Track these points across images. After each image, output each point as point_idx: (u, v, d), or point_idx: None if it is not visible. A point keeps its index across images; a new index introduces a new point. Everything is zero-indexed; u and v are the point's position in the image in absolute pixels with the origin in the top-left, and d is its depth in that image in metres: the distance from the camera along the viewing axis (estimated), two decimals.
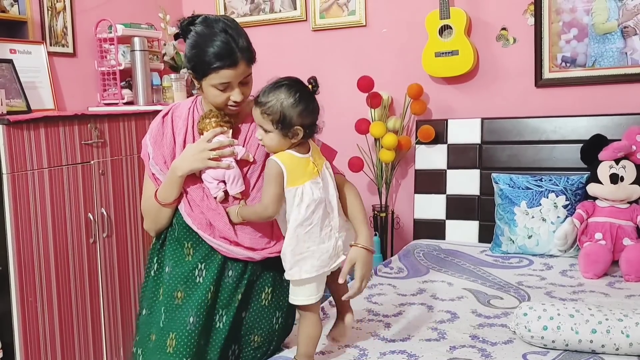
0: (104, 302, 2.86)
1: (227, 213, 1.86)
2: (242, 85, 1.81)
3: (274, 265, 1.91)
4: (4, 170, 2.41)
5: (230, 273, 1.89)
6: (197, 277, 1.88)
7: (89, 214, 2.79)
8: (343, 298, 1.89)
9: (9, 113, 2.58)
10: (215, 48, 1.75)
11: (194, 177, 1.87)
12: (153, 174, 1.90)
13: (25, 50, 2.97)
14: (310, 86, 1.80)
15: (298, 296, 1.84)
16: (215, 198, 1.85)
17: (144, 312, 1.96)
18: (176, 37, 1.92)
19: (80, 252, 2.74)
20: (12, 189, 2.43)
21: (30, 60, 2.98)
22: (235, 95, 1.80)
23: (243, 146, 1.89)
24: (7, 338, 2.47)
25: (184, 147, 1.88)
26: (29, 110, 2.79)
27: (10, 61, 2.82)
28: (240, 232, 1.86)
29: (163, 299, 1.89)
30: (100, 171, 2.83)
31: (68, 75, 3.23)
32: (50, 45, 3.11)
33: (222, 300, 1.88)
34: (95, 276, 2.82)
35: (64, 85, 3.21)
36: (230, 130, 1.86)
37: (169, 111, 1.95)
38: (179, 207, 1.89)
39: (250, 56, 1.80)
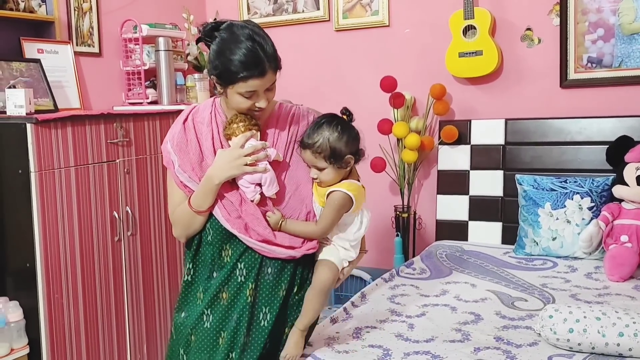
0: (128, 299, 2.89)
1: (266, 218, 1.88)
2: (267, 91, 1.82)
3: (302, 260, 1.93)
4: (31, 169, 2.45)
5: (269, 270, 1.90)
6: (239, 276, 1.89)
7: (114, 212, 2.82)
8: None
9: (37, 112, 2.61)
10: (243, 57, 1.74)
11: (229, 182, 1.86)
12: (181, 182, 1.89)
13: (53, 50, 3.01)
14: (345, 117, 1.92)
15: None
16: (252, 201, 1.86)
17: (182, 314, 1.97)
18: (198, 41, 1.92)
19: (105, 250, 2.77)
20: (39, 186, 2.47)
21: (57, 60, 3.02)
22: (262, 103, 1.81)
23: (286, 149, 1.90)
24: (34, 334, 2.50)
25: (214, 152, 1.88)
26: (56, 109, 2.83)
27: (38, 61, 2.87)
28: (279, 233, 1.87)
29: (208, 302, 1.90)
30: (125, 170, 2.86)
31: (94, 74, 3.27)
32: (77, 45, 3.15)
33: (263, 297, 1.89)
34: (119, 274, 2.85)
35: (89, 84, 3.25)
36: (259, 133, 1.86)
37: (187, 116, 1.94)
38: (214, 212, 1.88)
39: (277, 64, 1.81)
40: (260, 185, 1.85)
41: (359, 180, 1.97)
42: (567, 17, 3.13)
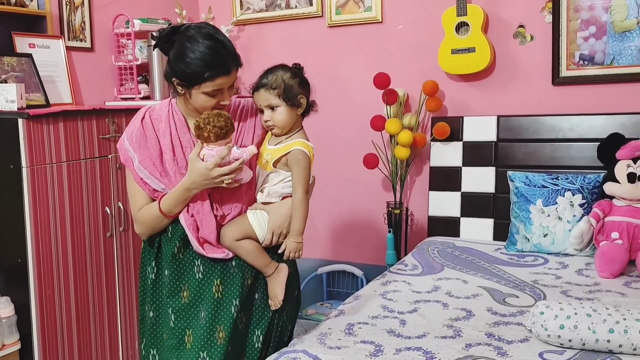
0: (120, 295, 2.89)
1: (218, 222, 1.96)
2: (229, 88, 1.89)
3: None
4: (23, 164, 2.44)
5: (233, 263, 1.96)
6: (197, 273, 1.94)
7: (106, 207, 2.81)
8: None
9: (28, 107, 2.60)
10: (208, 56, 1.79)
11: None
12: (141, 179, 1.92)
13: (44, 44, 2.99)
14: (296, 70, 2.01)
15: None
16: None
17: (151, 314, 2.01)
18: (154, 47, 1.94)
19: (97, 246, 2.76)
20: (31, 182, 2.46)
21: (49, 55, 3.00)
22: (226, 99, 1.88)
23: (235, 142, 1.96)
24: (26, 330, 2.50)
25: (172, 148, 1.91)
26: (47, 104, 2.82)
27: (29, 55, 2.85)
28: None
29: (168, 300, 1.95)
30: (117, 165, 2.85)
31: (86, 69, 3.25)
32: (69, 39, 3.13)
33: (232, 291, 1.96)
34: (111, 269, 2.85)
35: (81, 79, 3.23)
36: (232, 136, 1.88)
37: (144, 115, 1.97)
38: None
39: (239, 61, 1.88)
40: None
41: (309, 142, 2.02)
42: (560, 14, 3.14)
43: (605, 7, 3.06)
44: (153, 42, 1.95)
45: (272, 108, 1.93)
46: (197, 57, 1.79)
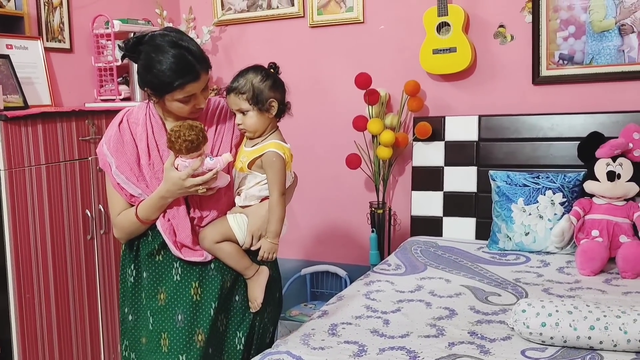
0: (101, 298, 2.86)
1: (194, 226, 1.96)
2: (203, 90, 1.88)
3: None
4: (1, 167, 2.41)
5: (212, 266, 1.96)
6: (175, 275, 1.93)
7: (86, 210, 2.78)
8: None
9: (6, 109, 2.57)
10: (174, 65, 1.77)
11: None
12: (118, 184, 1.91)
13: (22, 45, 2.95)
14: (272, 70, 1.97)
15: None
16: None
17: (130, 317, 2.01)
18: (123, 57, 1.93)
19: (77, 249, 2.73)
20: (9, 185, 2.42)
21: (27, 56, 2.96)
22: (201, 103, 1.87)
23: (214, 143, 1.95)
24: (5, 334, 2.47)
25: (148, 152, 1.90)
26: (26, 106, 2.78)
27: (6, 57, 2.81)
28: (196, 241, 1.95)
29: (147, 302, 1.95)
30: (97, 167, 2.81)
31: (65, 71, 3.22)
32: (47, 40, 3.10)
33: (211, 294, 1.95)
34: (92, 272, 2.82)
35: (60, 81, 3.19)
36: (206, 144, 1.87)
37: (122, 118, 1.96)
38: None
39: (207, 65, 1.86)
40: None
41: (285, 142, 2.00)
42: (539, 14, 3.16)
43: (584, 7, 3.09)
44: (121, 53, 1.94)
45: (243, 112, 1.93)
46: (164, 68, 1.77)
